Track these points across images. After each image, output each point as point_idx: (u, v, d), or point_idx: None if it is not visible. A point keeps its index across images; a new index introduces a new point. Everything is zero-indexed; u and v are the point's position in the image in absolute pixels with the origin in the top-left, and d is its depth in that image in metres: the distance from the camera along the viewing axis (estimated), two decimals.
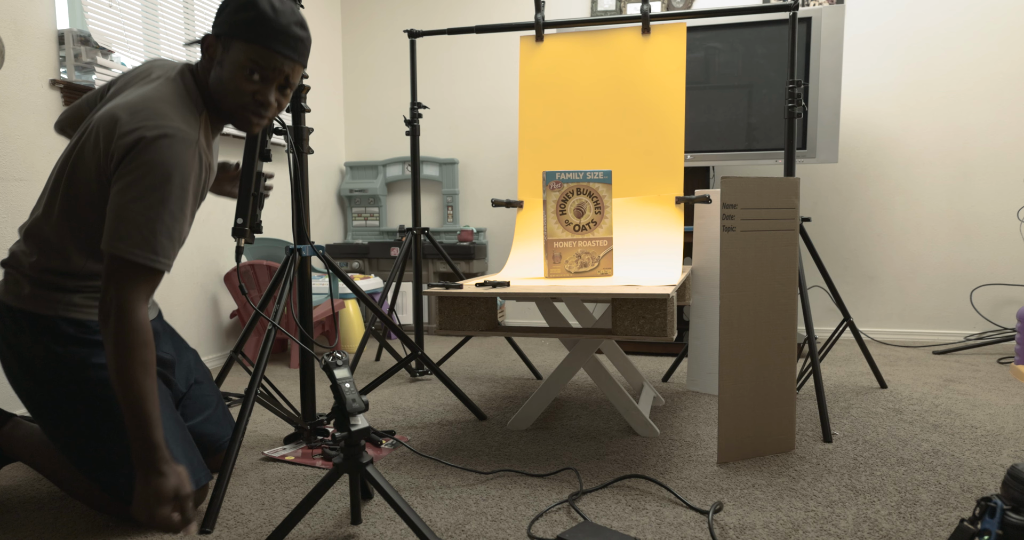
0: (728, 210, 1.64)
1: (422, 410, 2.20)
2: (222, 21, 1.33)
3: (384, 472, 1.65)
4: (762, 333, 1.70)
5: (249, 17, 1.30)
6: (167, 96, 1.31)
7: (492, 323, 1.75)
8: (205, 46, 1.36)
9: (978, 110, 3.21)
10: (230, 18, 1.31)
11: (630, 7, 3.50)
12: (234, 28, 1.31)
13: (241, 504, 1.48)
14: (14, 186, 2.07)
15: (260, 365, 1.61)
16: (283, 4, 1.34)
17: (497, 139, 3.81)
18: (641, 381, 2.24)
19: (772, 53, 2.89)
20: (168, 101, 1.30)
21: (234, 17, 1.31)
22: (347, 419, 1.24)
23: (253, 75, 1.32)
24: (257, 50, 1.30)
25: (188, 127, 1.28)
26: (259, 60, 1.31)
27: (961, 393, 2.33)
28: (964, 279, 3.28)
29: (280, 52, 1.31)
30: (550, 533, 1.31)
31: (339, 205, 4.01)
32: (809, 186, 3.45)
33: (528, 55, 2.40)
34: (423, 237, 2.81)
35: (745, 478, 1.59)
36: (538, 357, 3.05)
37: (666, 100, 2.25)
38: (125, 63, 2.42)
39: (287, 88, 1.39)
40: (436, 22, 3.85)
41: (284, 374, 2.75)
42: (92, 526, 1.38)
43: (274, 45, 1.31)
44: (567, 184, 1.96)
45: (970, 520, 1.01)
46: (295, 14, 1.35)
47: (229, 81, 1.32)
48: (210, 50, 1.35)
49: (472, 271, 3.64)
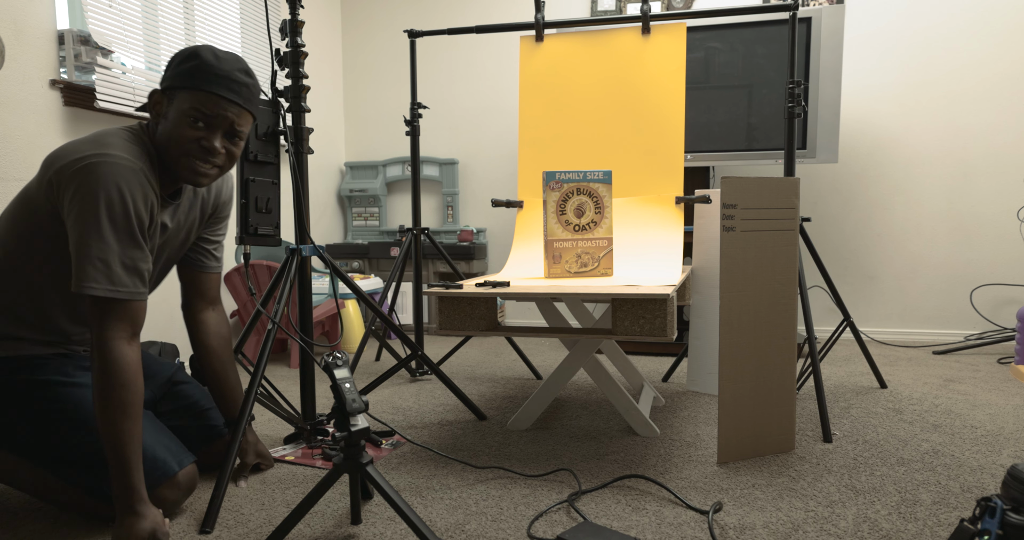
0: (728, 210, 1.64)
1: (422, 410, 2.20)
2: (167, 75, 1.33)
3: (384, 472, 1.65)
4: (762, 333, 1.70)
5: (192, 66, 1.30)
6: (116, 134, 1.31)
7: (492, 323, 1.75)
8: (152, 103, 1.35)
9: (978, 110, 3.21)
10: (174, 71, 1.32)
11: (630, 7, 3.50)
12: (177, 79, 1.31)
13: (241, 504, 1.48)
14: (14, 186, 2.07)
15: (260, 365, 1.61)
16: (227, 54, 1.35)
17: (497, 139, 3.81)
18: (641, 381, 2.24)
19: (772, 53, 2.89)
20: (115, 137, 1.30)
21: (178, 69, 1.31)
22: (347, 419, 1.24)
23: (197, 123, 1.31)
24: (200, 97, 1.30)
25: (133, 157, 1.27)
26: (202, 107, 1.30)
27: (961, 393, 2.33)
28: (964, 279, 3.28)
29: (223, 96, 1.31)
30: (550, 533, 1.31)
31: (339, 205, 4.01)
32: (809, 186, 3.45)
33: (528, 55, 2.40)
34: (423, 237, 2.81)
35: (745, 478, 1.59)
36: (538, 357, 3.05)
37: (666, 100, 2.25)
38: (125, 63, 2.42)
39: (236, 137, 1.37)
40: (436, 22, 3.85)
41: (284, 374, 2.75)
42: (92, 527, 1.38)
43: (217, 90, 1.30)
44: (567, 184, 1.96)
45: (970, 520, 1.01)
46: (239, 62, 1.35)
47: (173, 129, 1.31)
48: (156, 106, 1.35)
49: (472, 271, 3.63)
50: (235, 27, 3.08)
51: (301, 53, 1.73)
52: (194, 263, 1.60)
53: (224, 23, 3.00)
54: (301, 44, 1.73)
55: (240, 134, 1.37)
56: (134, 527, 1.21)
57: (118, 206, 1.22)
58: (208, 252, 1.61)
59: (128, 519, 1.21)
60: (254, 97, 1.38)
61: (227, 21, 3.02)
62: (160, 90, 1.35)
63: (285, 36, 1.73)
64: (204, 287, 1.62)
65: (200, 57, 1.31)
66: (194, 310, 1.62)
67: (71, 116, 2.26)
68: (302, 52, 1.73)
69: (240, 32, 3.13)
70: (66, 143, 1.30)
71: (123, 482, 1.22)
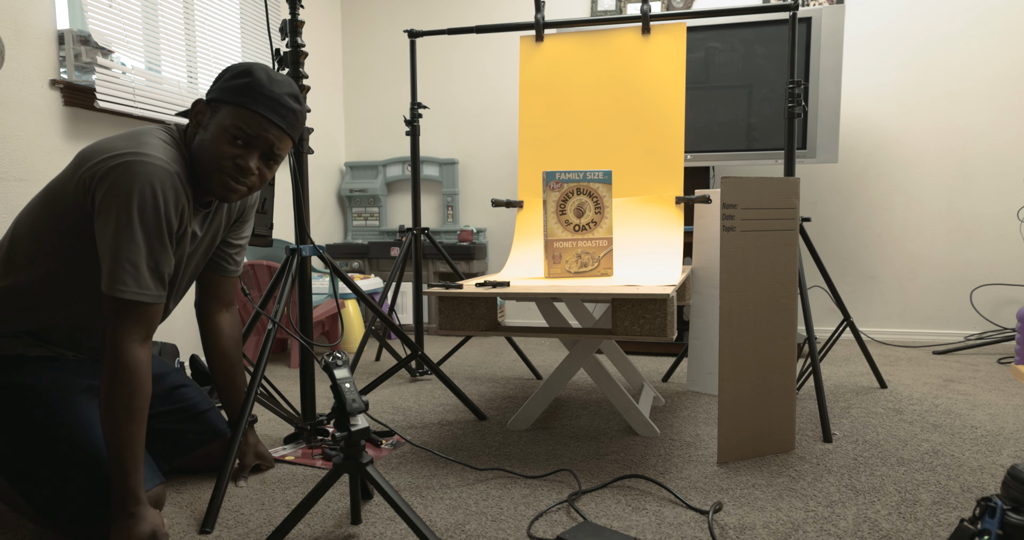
0: (728, 210, 1.64)
1: (422, 410, 2.20)
2: (216, 87, 1.32)
3: (384, 472, 1.65)
4: (762, 333, 1.70)
5: (243, 83, 1.29)
6: (153, 133, 1.30)
7: (492, 323, 1.75)
8: (195, 112, 1.34)
9: (978, 110, 3.21)
10: (224, 84, 1.30)
11: (630, 7, 3.50)
12: (225, 93, 1.29)
13: (241, 504, 1.48)
14: (14, 186, 2.07)
15: (260, 365, 1.61)
16: (281, 76, 1.33)
17: (497, 139, 3.81)
18: (641, 381, 2.24)
19: (772, 53, 2.89)
20: (153, 137, 1.28)
21: (228, 83, 1.30)
22: (347, 419, 1.24)
23: (236, 140, 1.29)
24: (244, 114, 1.28)
25: (170, 160, 1.25)
26: (244, 125, 1.28)
27: (961, 393, 2.33)
28: (964, 279, 3.28)
29: (268, 118, 1.29)
30: (550, 533, 1.31)
31: (339, 205, 4.01)
32: (809, 186, 3.45)
33: (528, 55, 2.40)
34: (423, 237, 2.81)
35: (745, 478, 1.59)
36: (538, 357, 3.05)
37: (666, 100, 2.25)
38: (125, 63, 2.42)
39: (272, 161, 1.35)
40: (436, 22, 3.85)
41: (284, 374, 2.75)
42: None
43: (263, 111, 1.29)
44: (567, 184, 1.96)
45: (970, 520, 1.01)
46: (291, 86, 1.33)
47: (211, 143, 1.29)
48: (199, 116, 1.33)
49: (472, 271, 3.63)
50: (235, 27, 3.08)
51: (301, 53, 1.73)
52: (215, 267, 1.58)
53: (224, 23, 3.00)
54: (301, 44, 1.73)
55: (277, 158, 1.36)
56: (133, 529, 1.20)
57: (150, 207, 1.21)
58: (230, 256, 1.59)
59: (127, 521, 1.20)
60: (299, 123, 1.36)
61: (227, 21, 3.02)
62: (205, 100, 1.33)
63: (285, 36, 1.73)
64: (222, 290, 1.61)
65: (253, 75, 1.29)
66: (209, 311, 1.61)
67: (71, 116, 2.26)
68: (302, 52, 1.73)
69: (240, 32, 3.13)
70: (101, 139, 1.28)
71: (122, 484, 1.21)
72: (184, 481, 1.62)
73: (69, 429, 1.30)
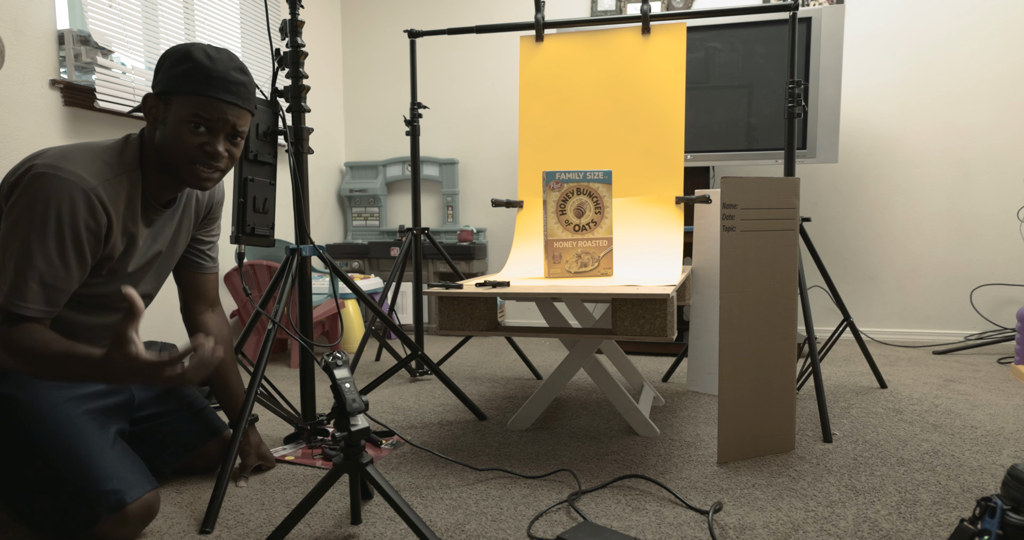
0: (728, 210, 1.64)
1: (422, 410, 2.20)
2: (160, 78, 1.30)
3: (384, 472, 1.65)
4: (762, 333, 1.70)
5: (185, 69, 1.27)
6: (85, 148, 1.28)
7: (492, 323, 1.75)
8: (147, 108, 1.32)
9: (978, 110, 3.21)
10: (167, 74, 1.29)
11: (630, 7, 3.50)
12: (172, 82, 1.28)
13: (241, 504, 1.48)
14: None
15: (260, 365, 1.61)
16: (219, 52, 1.31)
17: (497, 139, 3.81)
18: (641, 381, 2.24)
19: (772, 53, 2.89)
20: (83, 151, 1.27)
21: (171, 72, 1.28)
22: (347, 419, 1.24)
23: (199, 128, 1.29)
24: (199, 101, 1.27)
25: (88, 174, 1.24)
26: (202, 112, 1.28)
27: (961, 393, 2.33)
28: (964, 279, 3.28)
29: (222, 99, 1.28)
30: (550, 533, 1.31)
31: (339, 205, 4.01)
32: (809, 186, 3.45)
33: (528, 55, 2.40)
34: (423, 237, 2.81)
35: (745, 478, 1.59)
36: (538, 357, 3.05)
37: (666, 100, 2.25)
38: (125, 63, 2.42)
39: (237, 137, 1.35)
40: (436, 22, 3.85)
41: (284, 374, 2.75)
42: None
43: (215, 93, 1.28)
44: (567, 184, 1.96)
45: (970, 520, 1.01)
46: (233, 59, 1.32)
47: (174, 136, 1.28)
48: (152, 111, 1.32)
49: (472, 271, 3.63)
50: (235, 27, 3.08)
51: (301, 53, 1.73)
52: (190, 265, 1.59)
53: (224, 23, 3.00)
54: (301, 44, 1.73)
55: (241, 134, 1.36)
56: (122, 366, 1.12)
57: (53, 222, 1.19)
58: (203, 253, 1.60)
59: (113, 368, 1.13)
60: (251, 95, 1.36)
61: (227, 21, 3.02)
62: (155, 94, 1.31)
63: (285, 36, 1.73)
64: (202, 289, 1.61)
65: (193, 59, 1.28)
66: (194, 313, 1.61)
67: (71, 116, 2.26)
68: (302, 52, 1.73)
69: (240, 32, 3.13)
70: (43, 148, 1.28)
71: (84, 365, 1.15)
72: (184, 481, 1.62)
73: (52, 443, 1.28)
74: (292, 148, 1.74)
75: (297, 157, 1.76)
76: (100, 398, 1.42)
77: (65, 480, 1.26)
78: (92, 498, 1.25)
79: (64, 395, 1.35)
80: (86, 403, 1.38)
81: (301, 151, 1.76)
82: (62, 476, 1.26)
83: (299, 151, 1.76)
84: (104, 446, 1.31)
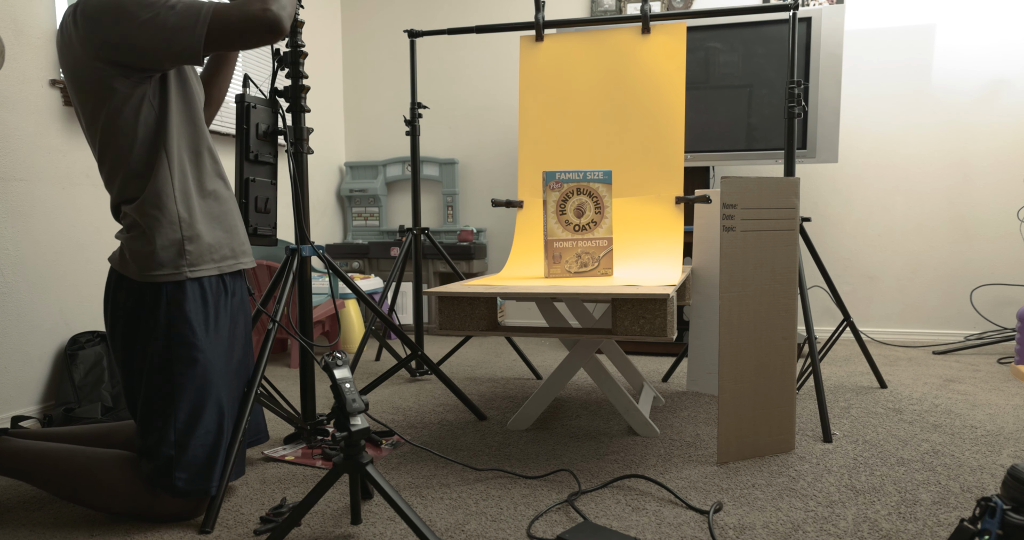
0: (728, 210, 1.64)
1: (422, 410, 2.20)
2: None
3: (384, 472, 1.65)
4: (762, 333, 1.70)
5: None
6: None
7: (492, 323, 1.75)
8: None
9: (978, 110, 3.21)
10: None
11: (630, 7, 3.50)
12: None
13: (241, 504, 1.48)
14: (14, 186, 2.07)
15: (260, 365, 1.61)
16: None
17: (497, 139, 3.81)
18: (641, 381, 2.24)
19: (772, 53, 2.89)
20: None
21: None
22: (347, 419, 1.24)
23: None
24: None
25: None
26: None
27: (961, 393, 2.33)
28: (964, 279, 3.28)
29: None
30: (550, 533, 1.31)
31: (339, 205, 4.01)
32: (809, 186, 3.45)
33: (528, 55, 2.40)
34: (423, 237, 2.81)
35: (745, 478, 1.59)
36: (538, 357, 3.05)
37: (666, 100, 2.25)
38: None
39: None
40: (436, 22, 3.85)
41: (284, 374, 2.75)
42: (92, 526, 1.38)
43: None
44: (567, 184, 1.96)
45: (970, 520, 1.01)
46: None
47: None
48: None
49: (472, 271, 3.63)
50: None
51: (301, 53, 1.73)
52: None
53: None
54: (301, 44, 1.73)
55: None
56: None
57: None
58: None
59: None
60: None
61: None
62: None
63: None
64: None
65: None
66: None
67: (71, 116, 2.26)
68: (302, 52, 1.73)
69: None
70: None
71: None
72: None
73: (210, 401, 1.40)
74: (292, 148, 1.74)
75: (297, 157, 1.76)
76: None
77: (218, 444, 1.40)
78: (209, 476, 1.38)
79: (228, 359, 1.47)
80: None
81: (301, 151, 1.76)
82: (219, 440, 1.40)
83: (299, 151, 1.76)
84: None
